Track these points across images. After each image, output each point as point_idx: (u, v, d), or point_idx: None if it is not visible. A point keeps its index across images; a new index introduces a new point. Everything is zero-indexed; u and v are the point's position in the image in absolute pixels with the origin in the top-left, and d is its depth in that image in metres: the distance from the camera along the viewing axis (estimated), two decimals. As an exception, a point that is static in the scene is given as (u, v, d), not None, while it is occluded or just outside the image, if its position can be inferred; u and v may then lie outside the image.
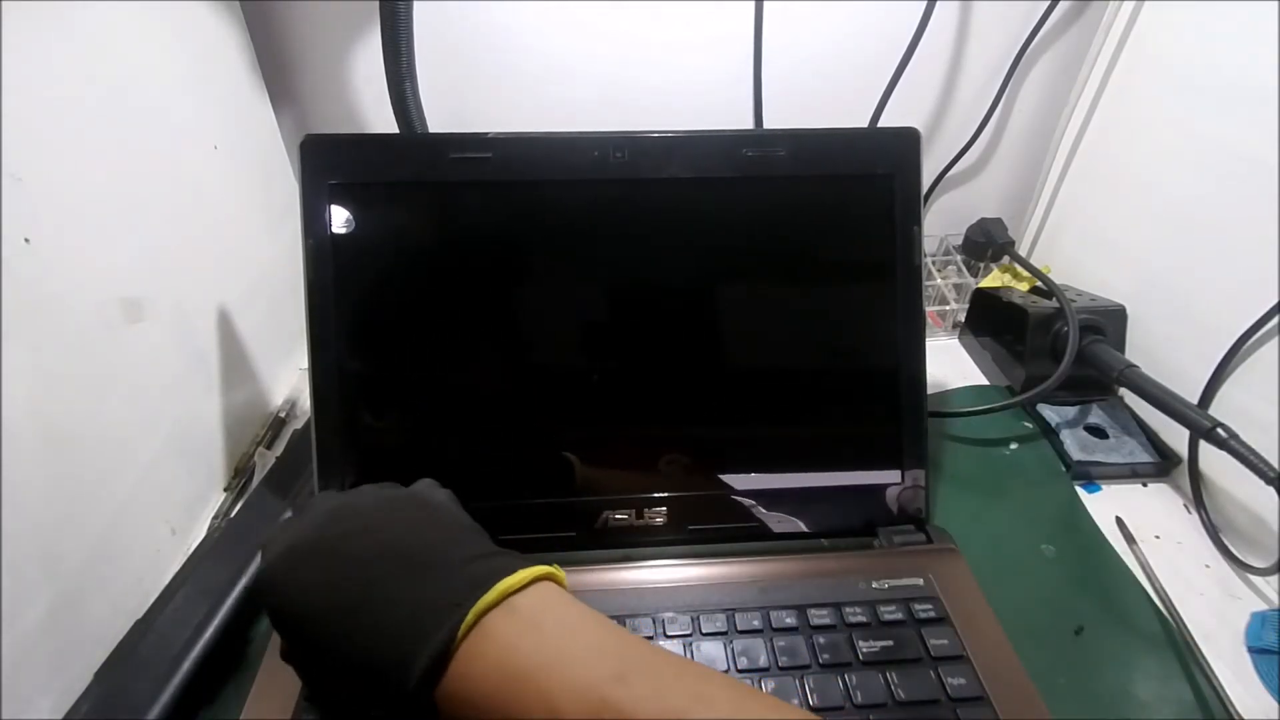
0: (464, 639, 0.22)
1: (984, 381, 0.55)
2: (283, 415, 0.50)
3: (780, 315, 0.40)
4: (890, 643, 0.32)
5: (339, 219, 0.37)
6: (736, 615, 0.34)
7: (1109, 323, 0.49)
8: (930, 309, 0.60)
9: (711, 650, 0.32)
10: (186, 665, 0.31)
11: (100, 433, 0.33)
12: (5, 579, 0.27)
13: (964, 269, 0.63)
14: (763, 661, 0.32)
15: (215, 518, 0.42)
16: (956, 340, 0.60)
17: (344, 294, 0.37)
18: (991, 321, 0.56)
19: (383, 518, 0.27)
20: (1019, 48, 0.56)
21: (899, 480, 0.39)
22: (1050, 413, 0.49)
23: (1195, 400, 0.41)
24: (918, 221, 0.38)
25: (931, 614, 0.34)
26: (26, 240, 0.29)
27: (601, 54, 0.56)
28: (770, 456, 0.40)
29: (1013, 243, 0.58)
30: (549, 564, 0.26)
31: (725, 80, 0.57)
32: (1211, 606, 0.37)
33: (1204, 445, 0.40)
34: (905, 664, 0.32)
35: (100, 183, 0.34)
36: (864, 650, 0.32)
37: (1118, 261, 0.52)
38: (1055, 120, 0.59)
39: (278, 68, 0.54)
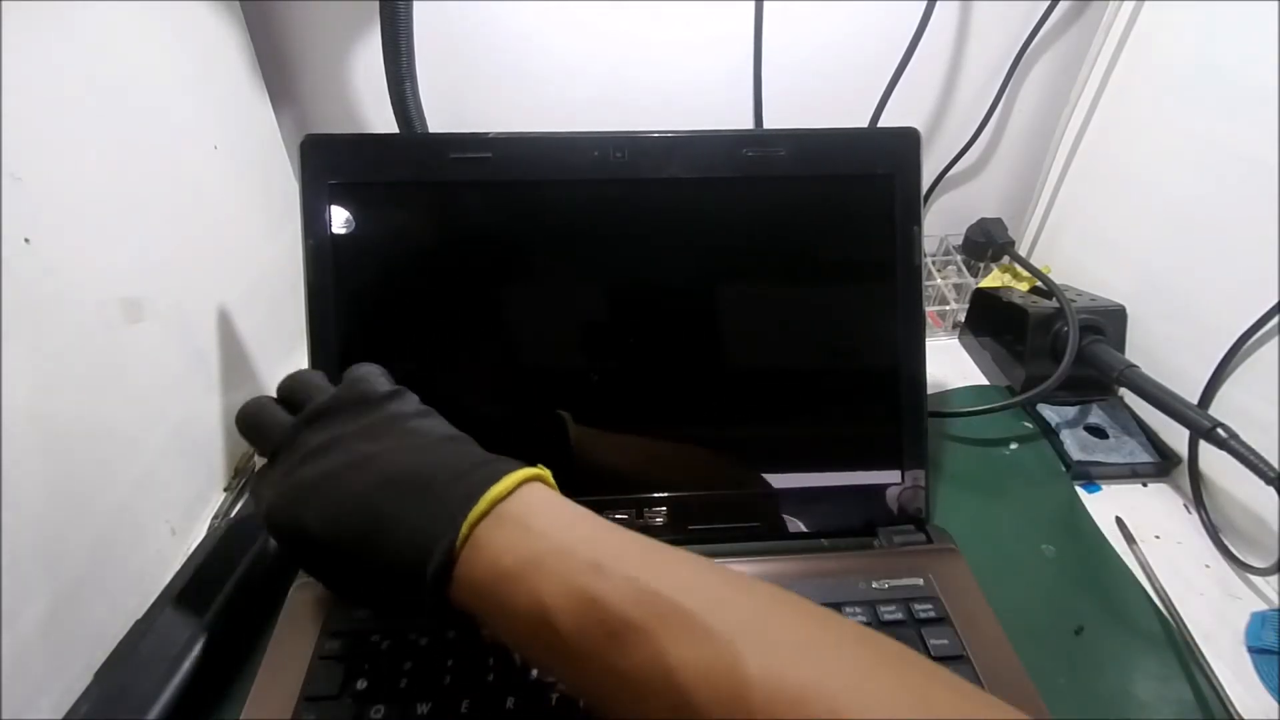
0: (462, 548, 0.24)
1: (984, 381, 0.55)
2: (283, 415, 0.50)
3: (780, 315, 0.40)
4: (890, 643, 0.32)
5: (339, 219, 0.37)
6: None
7: (1109, 323, 0.49)
8: (930, 309, 0.60)
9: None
10: (186, 665, 0.31)
11: (100, 432, 0.33)
12: (5, 579, 0.27)
13: (964, 269, 0.63)
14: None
15: (215, 518, 0.42)
16: (956, 340, 0.60)
17: (344, 294, 0.37)
18: (991, 321, 0.56)
19: (372, 448, 0.27)
20: (1019, 48, 0.56)
21: (899, 480, 0.39)
22: (1050, 413, 0.49)
23: (1195, 400, 0.41)
24: (918, 221, 0.39)
25: (931, 614, 0.34)
26: (26, 240, 0.29)
27: (601, 54, 0.56)
28: (770, 456, 0.40)
29: (1013, 243, 0.58)
30: (535, 465, 0.27)
31: (725, 80, 0.57)
32: (1211, 606, 0.37)
33: (1204, 445, 0.40)
34: (905, 664, 0.32)
35: (100, 183, 0.34)
36: (864, 650, 0.32)
37: (1118, 261, 0.52)
38: (1055, 120, 0.59)
39: (278, 68, 0.54)
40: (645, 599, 0.22)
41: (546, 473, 0.28)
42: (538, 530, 0.24)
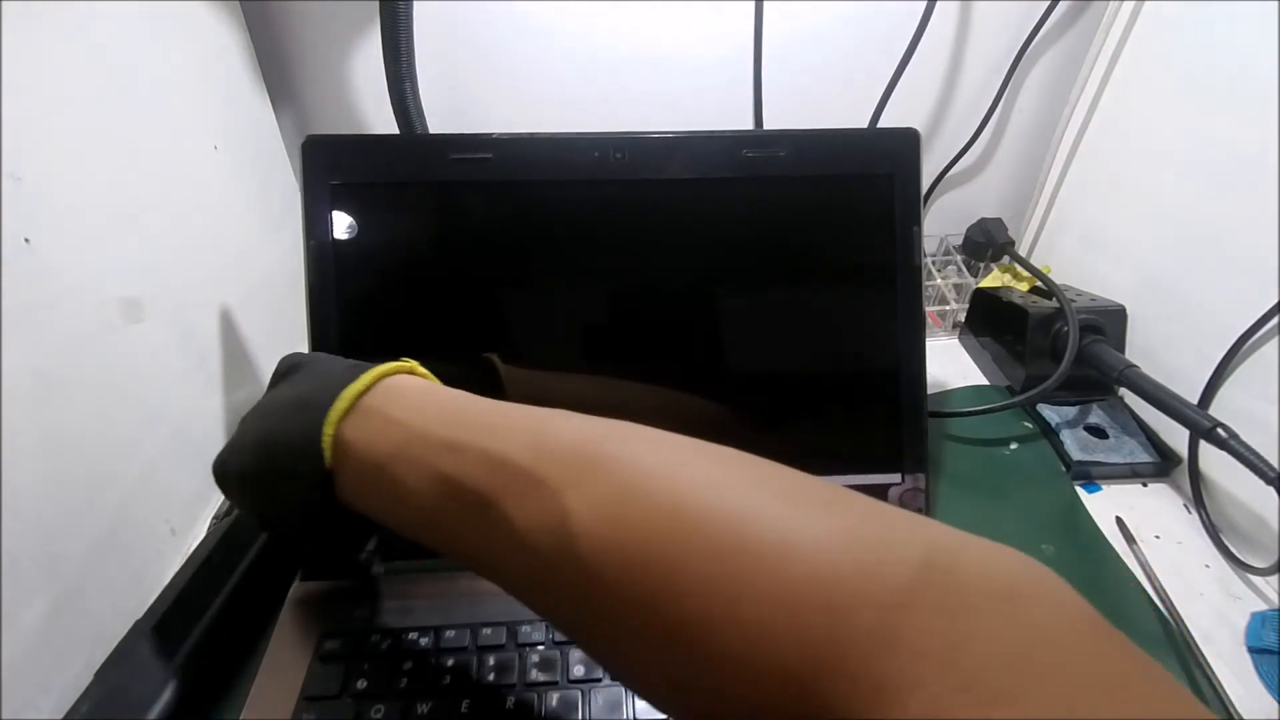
0: (333, 449, 0.25)
1: (984, 381, 0.55)
2: (283, 415, 0.50)
3: (780, 316, 0.40)
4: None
5: (340, 219, 0.37)
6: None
7: (1109, 323, 0.49)
8: (930, 309, 0.60)
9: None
10: (186, 665, 0.31)
11: (100, 433, 0.33)
12: (5, 579, 0.27)
13: (964, 269, 0.63)
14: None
15: (215, 518, 0.42)
16: (956, 340, 0.60)
17: (345, 294, 0.37)
18: (991, 321, 0.56)
19: (277, 394, 0.29)
20: (1019, 48, 0.56)
21: (899, 480, 0.39)
22: (1050, 413, 0.49)
23: (1195, 400, 0.41)
24: (918, 222, 0.38)
25: (931, 614, 0.34)
26: (26, 240, 0.29)
27: (602, 54, 0.56)
28: (770, 457, 0.39)
29: (1013, 243, 0.58)
30: (405, 360, 0.28)
31: (725, 80, 0.57)
32: (1211, 606, 0.37)
33: (1204, 445, 0.40)
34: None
35: (100, 183, 0.34)
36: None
37: (1118, 261, 0.52)
38: (1055, 120, 0.59)
39: (278, 68, 0.54)
40: (494, 467, 0.22)
41: (417, 365, 0.29)
42: (397, 419, 0.25)
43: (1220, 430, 0.38)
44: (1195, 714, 0.15)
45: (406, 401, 0.26)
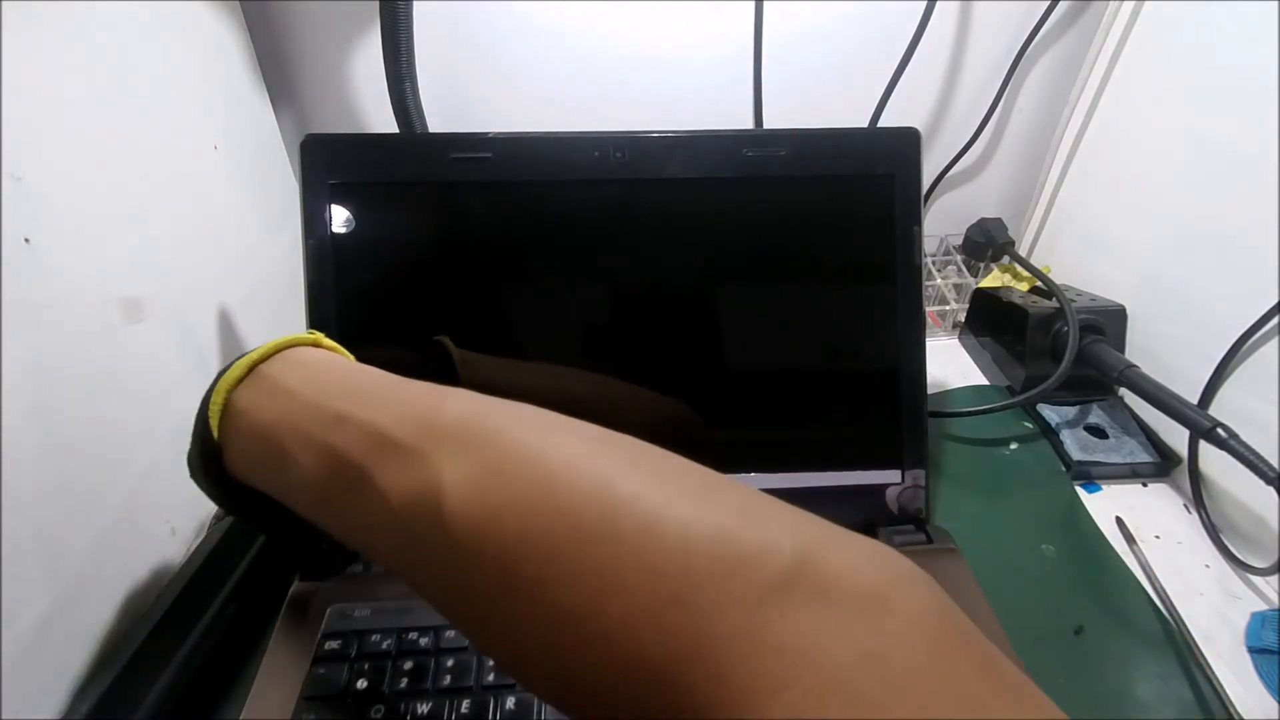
0: (224, 419, 0.24)
1: (984, 381, 0.55)
2: (283, 415, 0.50)
3: (780, 315, 0.40)
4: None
5: (339, 219, 0.37)
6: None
7: (1109, 323, 0.49)
8: (930, 309, 0.60)
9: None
10: (186, 665, 0.31)
11: (100, 432, 0.33)
12: (5, 579, 0.27)
13: (964, 269, 0.63)
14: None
15: (215, 518, 0.42)
16: (956, 340, 0.60)
17: (344, 293, 0.37)
18: (991, 321, 0.56)
19: None
20: (1019, 48, 0.56)
21: (899, 480, 0.39)
22: (1050, 413, 0.49)
23: (1195, 400, 0.41)
24: (918, 221, 0.39)
25: (931, 614, 0.34)
26: (26, 240, 0.29)
27: (602, 54, 0.56)
28: (770, 456, 0.39)
29: (1013, 243, 0.58)
30: (313, 332, 0.28)
31: (725, 80, 0.57)
32: (1211, 606, 0.37)
33: (1204, 445, 0.40)
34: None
35: (100, 183, 0.34)
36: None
37: (1118, 261, 0.52)
38: (1055, 120, 0.59)
39: (278, 68, 0.54)
40: (374, 439, 0.21)
41: (323, 338, 0.28)
42: (291, 389, 0.24)
43: (1220, 430, 0.38)
44: None
45: (304, 373, 0.25)
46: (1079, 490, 0.45)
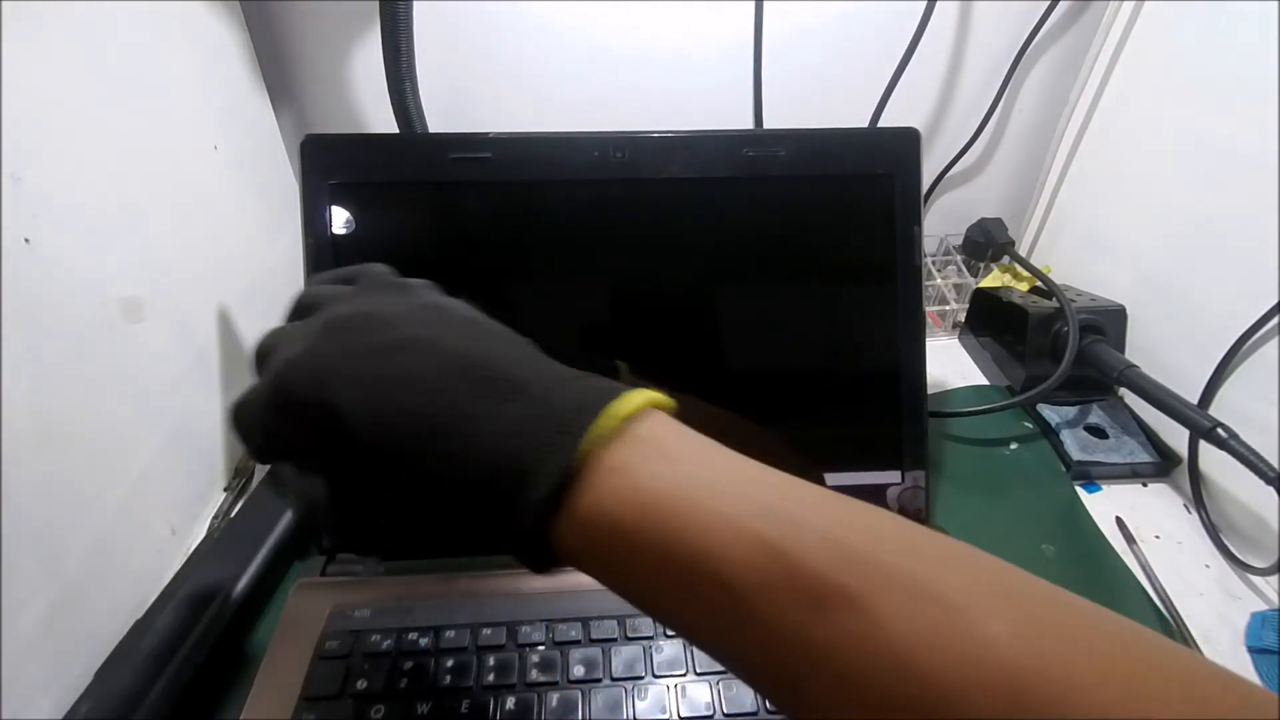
0: (580, 471, 0.19)
1: (984, 381, 0.55)
2: (283, 415, 0.50)
3: (780, 315, 0.40)
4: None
5: (339, 219, 0.37)
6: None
7: (1109, 323, 0.49)
8: (930, 309, 0.60)
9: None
10: (186, 665, 0.31)
11: (100, 432, 0.33)
12: (5, 579, 0.27)
13: (964, 269, 0.63)
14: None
15: (215, 518, 0.42)
16: (956, 340, 0.60)
17: (344, 294, 0.37)
18: (991, 321, 0.56)
19: (423, 331, 0.22)
20: (1019, 48, 0.56)
21: (899, 480, 0.39)
22: (1050, 413, 0.49)
23: (1195, 400, 0.41)
24: (918, 221, 0.38)
25: (931, 614, 0.34)
26: (26, 240, 0.29)
27: (602, 54, 0.56)
28: (770, 455, 0.39)
29: (1013, 243, 0.58)
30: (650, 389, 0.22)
31: (725, 80, 0.57)
32: (1211, 606, 0.37)
33: (1204, 445, 0.40)
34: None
35: (100, 183, 0.34)
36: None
37: (1118, 261, 0.52)
38: (1055, 120, 0.59)
39: (278, 68, 0.54)
40: (843, 555, 0.17)
41: (667, 399, 0.22)
42: (683, 458, 0.19)
43: (1220, 430, 0.38)
44: None
45: (690, 443, 0.20)
46: (1079, 490, 0.45)
